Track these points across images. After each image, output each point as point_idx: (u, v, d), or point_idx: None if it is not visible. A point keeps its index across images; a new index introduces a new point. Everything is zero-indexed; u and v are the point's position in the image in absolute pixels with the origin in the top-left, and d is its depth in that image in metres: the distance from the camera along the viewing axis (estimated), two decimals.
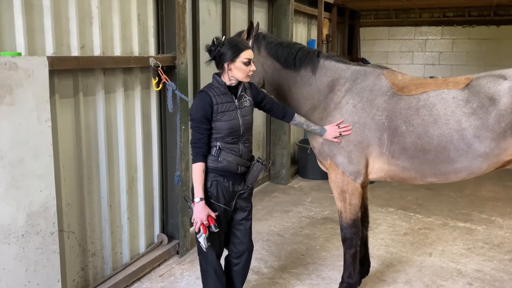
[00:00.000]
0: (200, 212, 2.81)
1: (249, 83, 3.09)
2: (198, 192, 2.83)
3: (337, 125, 3.21)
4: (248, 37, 3.27)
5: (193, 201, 2.86)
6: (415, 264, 4.29)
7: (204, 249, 2.86)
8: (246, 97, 2.98)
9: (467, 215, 5.62)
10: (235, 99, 2.90)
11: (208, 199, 2.89)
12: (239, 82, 2.91)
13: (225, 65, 2.81)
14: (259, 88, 3.23)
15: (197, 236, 2.86)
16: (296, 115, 3.27)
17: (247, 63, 2.80)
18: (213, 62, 2.94)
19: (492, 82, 2.96)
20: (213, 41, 2.84)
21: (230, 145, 2.89)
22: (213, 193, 2.91)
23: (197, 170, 2.83)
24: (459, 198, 6.28)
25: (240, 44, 2.84)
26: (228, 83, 2.87)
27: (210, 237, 2.88)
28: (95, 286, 3.60)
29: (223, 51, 2.79)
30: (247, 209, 3.10)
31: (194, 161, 2.85)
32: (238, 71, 2.80)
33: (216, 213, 2.89)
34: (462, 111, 2.95)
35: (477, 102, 2.93)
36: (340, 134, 3.20)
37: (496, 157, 2.95)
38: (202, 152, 2.84)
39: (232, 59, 2.78)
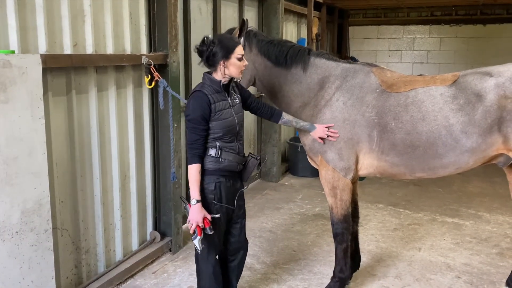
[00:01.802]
0: (196, 214, 2.78)
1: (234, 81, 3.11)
2: (195, 194, 2.78)
3: (327, 127, 3.25)
4: (240, 35, 3.30)
5: (189, 202, 2.82)
6: (404, 259, 4.37)
7: (199, 251, 2.86)
8: (236, 94, 2.98)
9: (455, 211, 5.72)
10: (228, 97, 2.91)
11: (211, 201, 2.86)
12: (230, 80, 2.91)
13: (221, 63, 2.78)
14: (243, 86, 3.26)
15: (192, 238, 2.84)
16: (283, 113, 3.28)
17: (241, 59, 2.80)
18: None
19: (478, 79, 3.04)
20: (204, 40, 2.78)
21: (229, 144, 2.88)
22: (217, 194, 2.87)
23: (194, 171, 2.78)
24: (447, 194, 6.38)
25: (232, 41, 2.84)
26: (223, 81, 2.85)
27: (210, 239, 2.87)
28: (88, 283, 3.62)
29: (216, 50, 2.75)
30: (242, 206, 3.13)
31: (190, 162, 2.79)
32: (233, 67, 2.79)
33: (218, 215, 2.87)
34: (449, 108, 3.02)
35: (464, 98, 3.01)
36: (327, 136, 3.24)
37: (482, 152, 3.03)
38: (199, 153, 2.80)
39: (227, 56, 2.76)
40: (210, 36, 2.84)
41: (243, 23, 3.29)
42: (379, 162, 3.25)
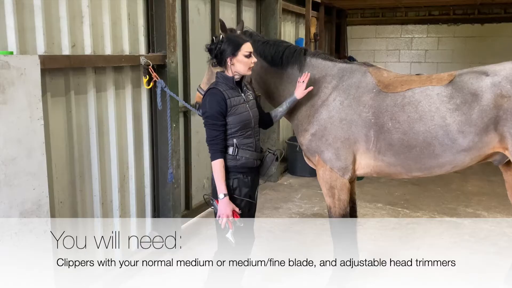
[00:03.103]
0: (225, 208, 2.84)
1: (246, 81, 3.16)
2: (222, 189, 2.84)
3: (300, 81, 3.28)
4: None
5: (216, 198, 2.88)
6: (403, 258, 4.35)
7: (233, 245, 2.92)
8: (249, 91, 3.05)
9: (453, 210, 5.72)
10: (241, 93, 2.95)
11: (232, 195, 2.92)
12: (242, 77, 2.96)
13: (228, 60, 2.85)
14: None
15: (224, 234, 2.88)
16: (271, 112, 3.29)
17: (248, 56, 2.86)
18: (204, 61, 2.99)
19: (474, 79, 3.05)
20: (213, 39, 2.89)
21: (246, 140, 2.93)
22: (236, 191, 2.94)
23: (218, 166, 2.85)
24: (445, 193, 6.39)
25: (240, 38, 2.92)
26: (235, 77, 2.91)
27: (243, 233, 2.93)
28: (87, 284, 3.62)
29: (224, 47, 2.84)
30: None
31: (213, 158, 2.86)
32: (240, 64, 2.86)
33: (240, 212, 2.92)
34: (446, 107, 3.03)
35: (461, 98, 3.02)
36: (303, 81, 3.25)
37: (478, 151, 3.05)
38: (220, 149, 2.86)
39: (234, 53, 2.83)
40: (221, 35, 2.92)
41: (222, 23, 3.30)
42: (376, 162, 3.26)
